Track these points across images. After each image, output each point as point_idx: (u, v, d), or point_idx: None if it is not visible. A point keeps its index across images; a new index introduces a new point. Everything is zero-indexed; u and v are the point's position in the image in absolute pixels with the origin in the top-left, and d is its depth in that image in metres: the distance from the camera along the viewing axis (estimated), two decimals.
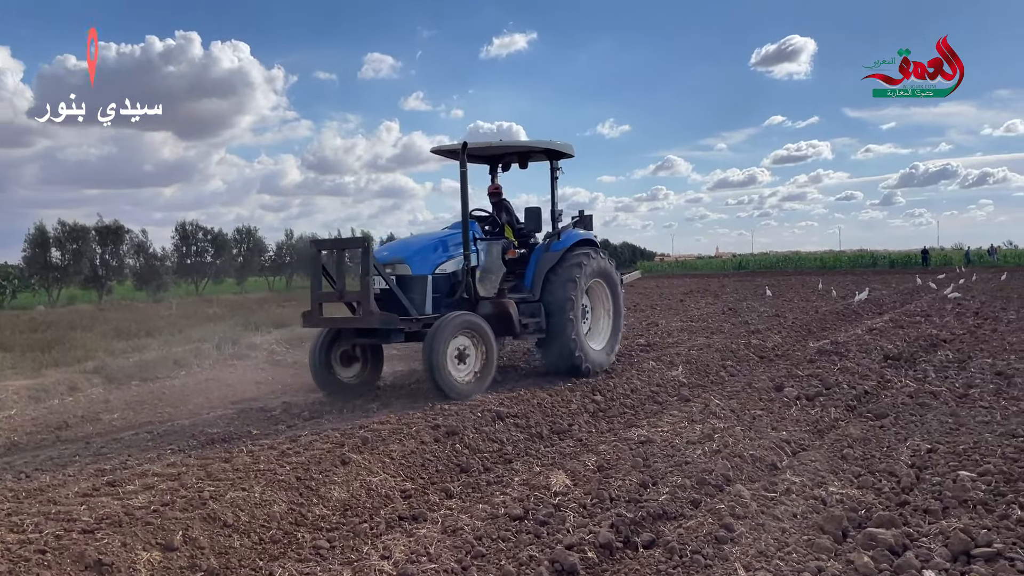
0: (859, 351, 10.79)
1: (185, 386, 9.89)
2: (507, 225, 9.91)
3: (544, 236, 9.92)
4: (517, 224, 10.00)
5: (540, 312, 9.12)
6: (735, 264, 75.94)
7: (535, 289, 9.23)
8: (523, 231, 9.96)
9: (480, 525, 4.41)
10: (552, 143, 9.73)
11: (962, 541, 3.80)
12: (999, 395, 7.76)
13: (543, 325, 9.12)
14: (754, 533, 4.15)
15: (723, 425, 6.81)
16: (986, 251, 64.03)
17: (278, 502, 4.72)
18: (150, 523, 4.21)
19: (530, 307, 9.13)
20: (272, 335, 14.46)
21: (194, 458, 5.78)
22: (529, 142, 9.99)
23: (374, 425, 6.45)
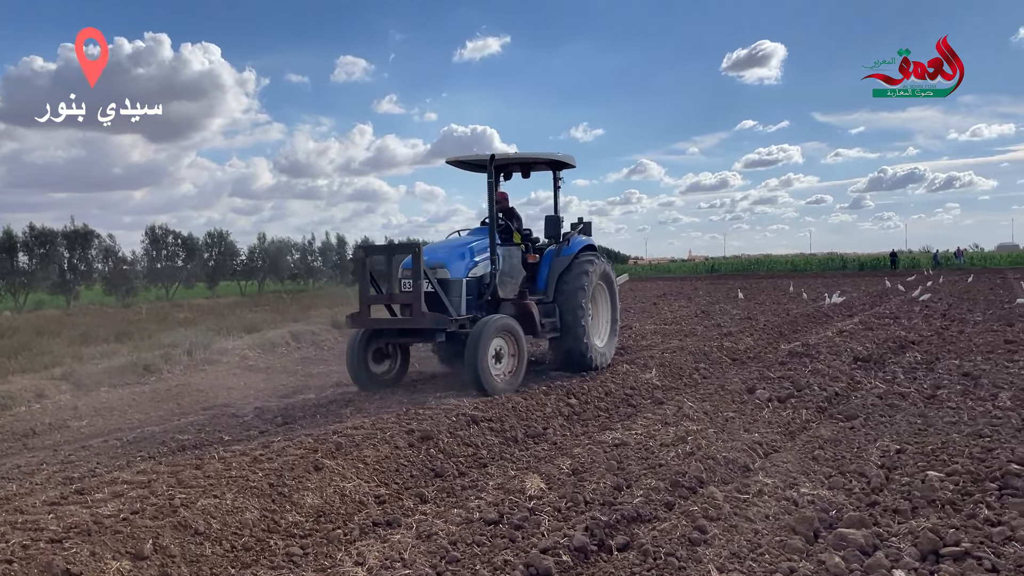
0: (829, 353, 10.92)
1: (155, 392, 9.78)
2: (516, 231, 10.40)
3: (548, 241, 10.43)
4: (523, 230, 10.56)
5: (555, 312, 9.74)
6: (708, 267, 76.52)
7: (549, 291, 9.86)
8: (530, 236, 10.54)
9: (455, 530, 4.40)
10: (561, 155, 10.35)
11: (931, 540, 3.86)
12: (966, 396, 7.88)
13: (558, 324, 9.73)
14: (727, 535, 4.19)
15: (696, 427, 6.86)
16: (952, 254, 65.05)
17: (250, 509, 4.67)
18: (119, 532, 4.15)
19: (545, 308, 9.72)
20: (244, 340, 14.34)
21: (165, 465, 5.71)
22: (542, 154, 10.40)
23: (348, 430, 6.41)
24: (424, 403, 7.63)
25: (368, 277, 9.04)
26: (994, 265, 60.35)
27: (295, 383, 10.13)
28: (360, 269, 9.10)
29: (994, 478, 4.89)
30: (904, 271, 54.76)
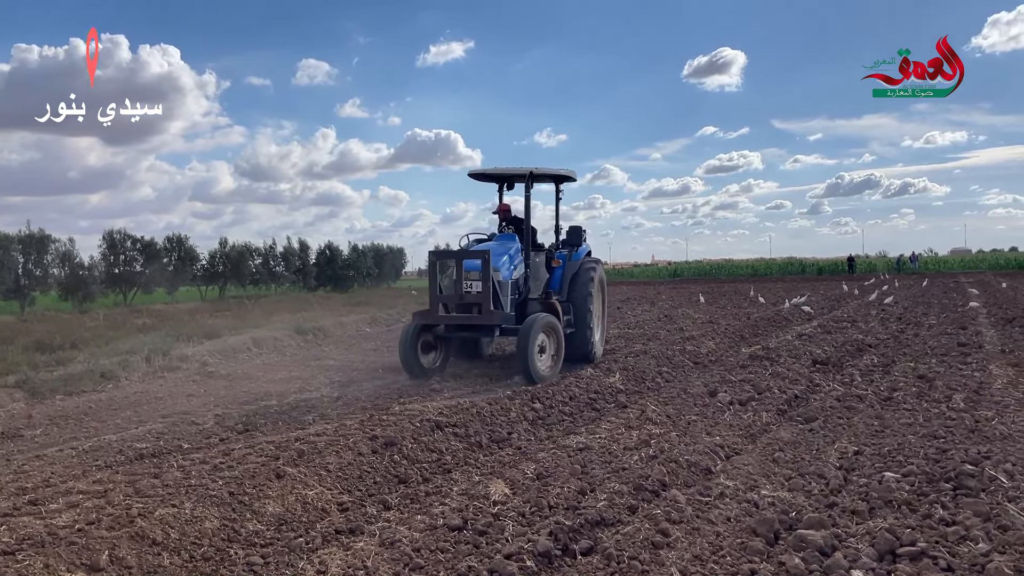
0: (789, 356, 11.08)
1: (112, 400, 9.58)
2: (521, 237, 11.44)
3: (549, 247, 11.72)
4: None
5: (570, 310, 10.96)
6: (670, 272, 77.21)
7: (563, 292, 11.07)
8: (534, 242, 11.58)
9: (418, 537, 4.38)
10: (567, 171, 11.71)
11: (888, 541, 3.93)
12: (921, 398, 8.05)
13: (573, 322, 10.93)
14: (689, 538, 4.22)
15: (659, 431, 6.92)
16: (907, 258, 66.42)
17: (210, 518, 4.60)
18: (74, 543, 4.06)
19: (563, 306, 10.89)
20: (204, 346, 14.12)
21: (122, 474, 5.60)
22: (552, 169, 11.58)
23: (310, 437, 6.35)
24: (388, 409, 7.59)
25: (437, 278, 10.18)
26: (948, 269, 61.78)
27: (257, 390, 10.00)
28: (433, 272, 10.25)
29: (948, 478, 4.99)
30: (861, 275, 55.79)
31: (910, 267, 63.00)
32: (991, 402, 7.61)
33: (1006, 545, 3.87)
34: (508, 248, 10.65)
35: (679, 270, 77.85)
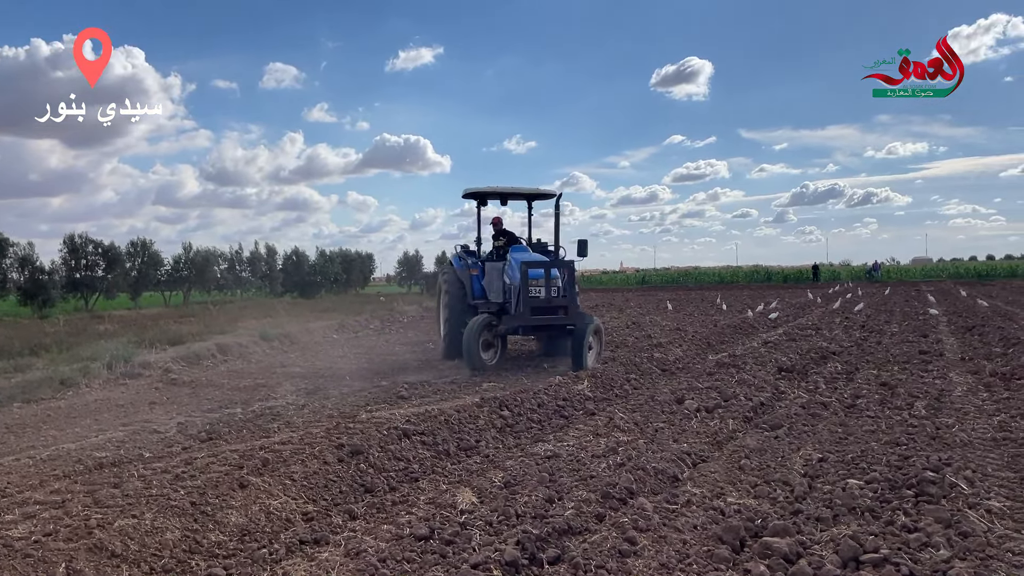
0: (755, 363, 11.19)
1: (72, 407, 9.39)
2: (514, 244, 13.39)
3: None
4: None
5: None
6: (638, 279, 77.66)
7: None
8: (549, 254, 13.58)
9: (384, 547, 4.33)
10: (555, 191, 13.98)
11: (851, 548, 3.97)
12: (884, 405, 8.16)
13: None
14: (656, 546, 4.23)
15: (627, 438, 6.93)
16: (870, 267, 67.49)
17: (171, 529, 4.51)
18: (30, 555, 3.96)
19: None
20: (168, 353, 13.91)
21: (80, 484, 5.48)
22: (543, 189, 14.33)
23: (275, 446, 6.27)
24: (355, 417, 7.52)
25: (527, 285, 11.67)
26: (909, 278, 62.92)
27: (221, 397, 9.87)
28: (524, 279, 11.61)
29: (911, 485, 5.06)
30: (826, 283, 56.62)
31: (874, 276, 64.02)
32: (951, 409, 7.75)
33: (966, 552, 3.92)
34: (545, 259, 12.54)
35: (647, 277, 78.35)
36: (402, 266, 65.95)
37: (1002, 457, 5.83)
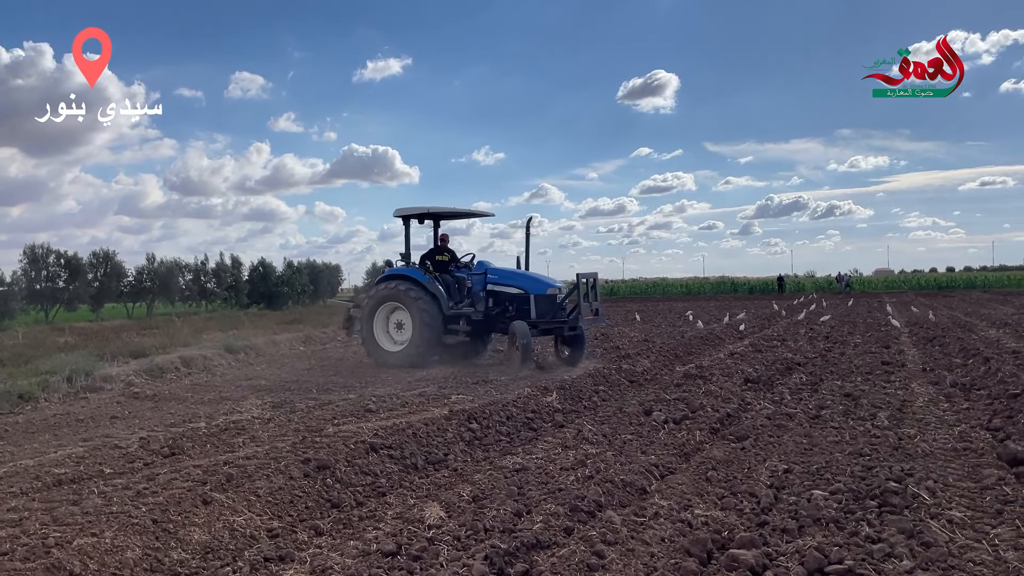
0: (722, 375, 11.28)
1: (30, 422, 9.18)
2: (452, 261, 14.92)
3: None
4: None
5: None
6: (607, 291, 77.96)
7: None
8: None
9: (351, 563, 4.28)
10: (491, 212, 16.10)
11: (816, 559, 4.00)
12: (847, 416, 8.27)
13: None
14: (624, 559, 4.23)
15: (595, 451, 6.94)
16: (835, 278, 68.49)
17: (132, 547, 4.42)
18: None
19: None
20: (130, 366, 13.66)
21: (38, 501, 5.35)
22: (478, 210, 16.38)
23: (240, 461, 6.18)
24: (322, 431, 7.45)
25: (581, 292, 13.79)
26: (872, 289, 64.02)
27: (184, 411, 9.70)
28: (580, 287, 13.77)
29: (874, 495, 5.12)
30: (790, 294, 57.37)
31: (837, 287, 64.93)
32: (913, 420, 7.87)
33: (929, 562, 3.98)
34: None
35: (615, 288, 78.79)
36: (370, 277, 65.42)
37: (963, 467, 5.94)
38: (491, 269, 14.52)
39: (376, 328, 14.56)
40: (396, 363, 13.99)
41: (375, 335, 14.57)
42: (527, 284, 14.12)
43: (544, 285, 14.10)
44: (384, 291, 14.49)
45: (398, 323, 14.50)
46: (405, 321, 14.32)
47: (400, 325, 14.46)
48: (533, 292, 13.91)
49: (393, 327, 14.57)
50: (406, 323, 14.31)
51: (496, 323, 14.29)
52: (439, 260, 14.69)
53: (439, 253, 14.81)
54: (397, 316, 14.49)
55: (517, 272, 14.70)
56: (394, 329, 14.55)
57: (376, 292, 14.65)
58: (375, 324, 14.57)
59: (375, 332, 14.57)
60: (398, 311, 14.44)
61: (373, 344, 14.61)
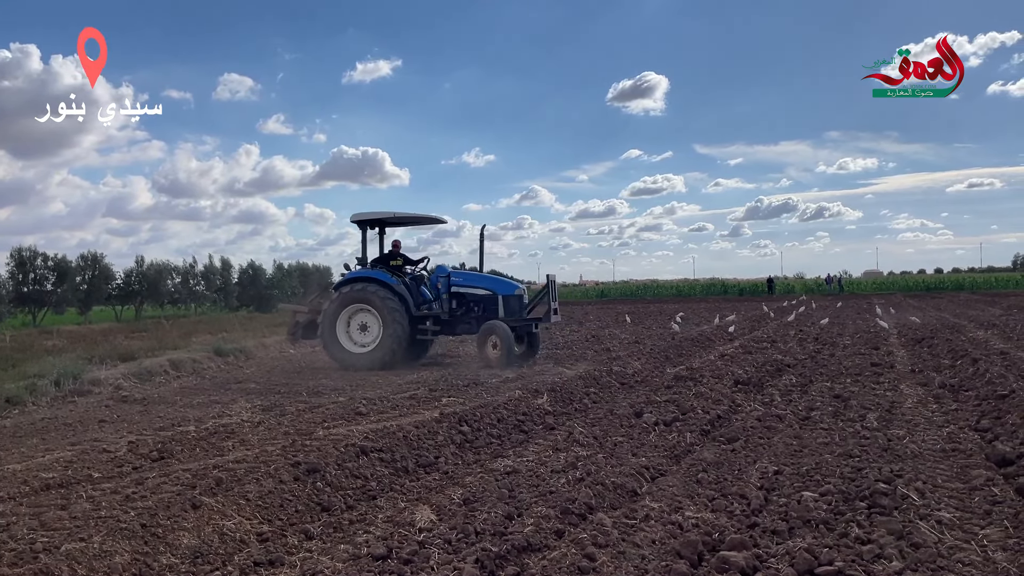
0: (712, 377, 11.29)
1: (18, 426, 9.12)
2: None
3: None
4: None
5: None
6: (598, 292, 78.19)
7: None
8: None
9: (341, 567, 4.26)
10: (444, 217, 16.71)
11: (806, 560, 4.01)
12: (837, 417, 8.30)
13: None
14: (615, 561, 4.23)
15: (586, 453, 6.94)
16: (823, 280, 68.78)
17: (120, 552, 4.39)
18: None
19: None
20: (119, 369, 13.59)
21: (25, 506, 5.31)
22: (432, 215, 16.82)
23: (229, 464, 6.15)
24: (312, 434, 7.42)
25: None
26: (861, 291, 64.30)
27: (173, 415, 9.66)
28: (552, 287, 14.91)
29: (863, 497, 5.14)
30: (781, 296, 57.56)
31: (826, 289, 65.19)
32: (902, 421, 7.90)
33: (918, 563, 3.99)
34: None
35: (606, 291, 78.93)
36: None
37: (951, 468, 5.96)
38: (454, 272, 15.41)
39: (338, 330, 14.70)
40: (363, 365, 14.22)
41: (338, 337, 14.69)
42: (495, 286, 14.99)
43: (512, 286, 15.04)
44: (352, 293, 14.64)
45: (362, 325, 14.73)
46: (370, 323, 14.65)
47: (364, 327, 14.72)
48: (502, 293, 14.72)
49: (356, 329, 14.78)
50: (371, 325, 14.63)
51: (461, 323, 14.98)
52: (393, 265, 15.27)
53: (392, 258, 15.38)
54: (361, 318, 14.75)
55: (483, 275, 15.64)
56: (357, 331, 14.78)
57: (342, 294, 14.75)
58: (331, 325, 14.71)
59: (332, 334, 14.70)
60: (361, 313, 14.71)
61: (337, 346, 14.72)
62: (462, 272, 15.83)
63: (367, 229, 15.54)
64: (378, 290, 14.47)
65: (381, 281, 14.66)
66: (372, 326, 14.60)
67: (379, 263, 15.31)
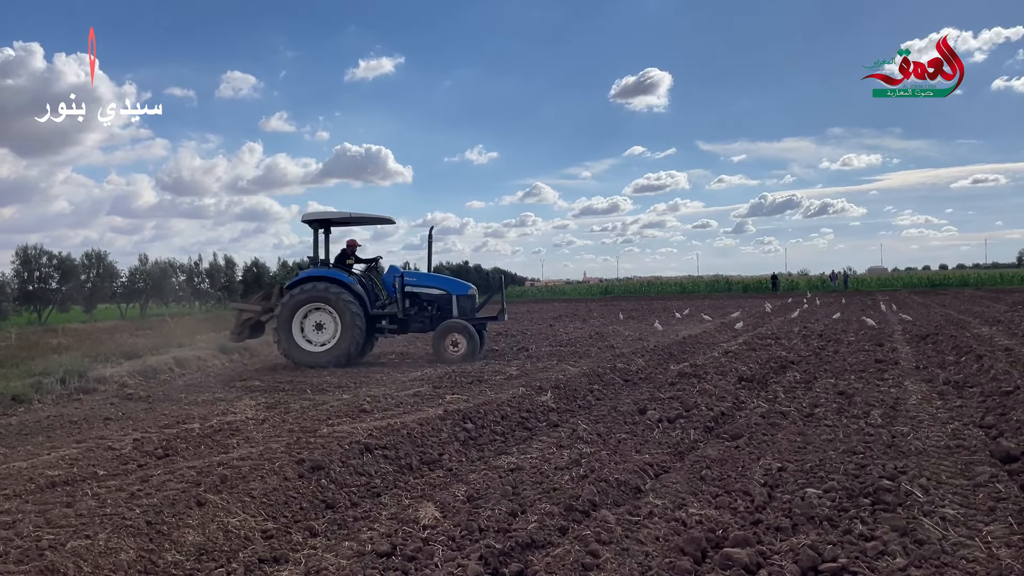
0: (716, 373, 11.29)
1: (24, 424, 9.14)
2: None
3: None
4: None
5: None
6: (602, 289, 78.15)
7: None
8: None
9: (345, 564, 4.27)
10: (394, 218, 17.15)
11: (810, 557, 4.02)
12: (841, 414, 8.29)
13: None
14: (619, 558, 4.23)
15: (590, 450, 6.95)
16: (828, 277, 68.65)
17: (126, 549, 4.41)
18: None
19: None
20: (123, 367, 13.63)
21: (32, 504, 5.33)
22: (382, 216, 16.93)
23: (234, 462, 6.17)
24: (316, 431, 7.44)
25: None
26: (866, 288, 64.16)
27: (178, 412, 9.68)
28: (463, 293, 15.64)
29: (867, 493, 5.14)
30: (784, 293, 57.47)
31: (831, 286, 65.06)
32: (907, 417, 7.89)
33: (922, 559, 3.99)
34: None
35: (610, 288, 78.91)
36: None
37: (955, 465, 5.95)
38: (407, 272, 16.20)
39: (293, 329, 14.80)
40: (320, 363, 14.36)
41: (293, 336, 14.79)
42: (449, 286, 15.69)
43: (464, 287, 15.80)
44: (311, 292, 14.74)
45: (317, 324, 14.85)
46: (325, 322, 14.80)
47: (319, 326, 14.84)
48: (455, 293, 15.47)
49: (311, 328, 14.88)
50: (327, 324, 14.80)
51: (414, 322, 15.48)
52: (348, 263, 15.75)
53: (347, 257, 15.83)
54: (316, 317, 14.87)
55: (435, 275, 16.48)
56: (312, 330, 14.88)
57: (299, 293, 14.81)
58: (287, 325, 14.78)
59: (287, 334, 14.79)
60: (317, 312, 14.84)
61: (293, 345, 14.77)
62: (415, 272, 16.59)
63: (318, 229, 15.73)
64: (338, 291, 14.71)
65: (340, 281, 14.92)
66: (328, 325, 14.81)
67: (337, 263, 15.65)
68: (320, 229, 15.75)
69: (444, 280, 16.10)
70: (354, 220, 16.13)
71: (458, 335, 14.77)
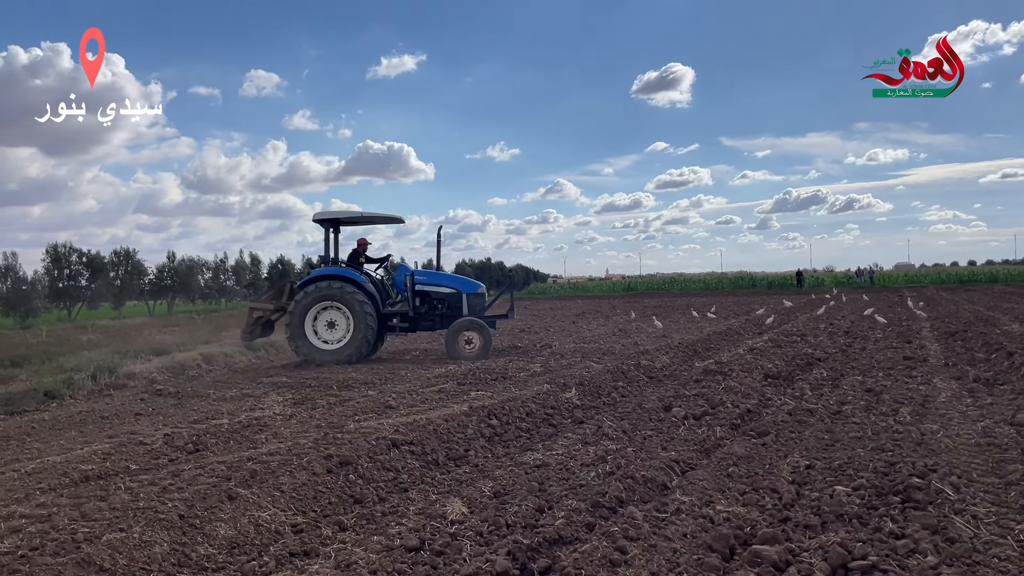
0: (741, 370, 11.23)
1: (56, 419, 9.31)
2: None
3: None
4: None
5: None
6: (624, 286, 77.91)
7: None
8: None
9: (375, 558, 4.31)
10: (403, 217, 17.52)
11: (840, 555, 4.00)
12: (869, 411, 8.22)
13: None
14: (647, 555, 4.24)
15: (615, 447, 6.94)
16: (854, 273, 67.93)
17: (159, 542, 4.48)
18: (17, 570, 3.92)
19: None
20: (152, 363, 13.82)
21: (66, 497, 5.43)
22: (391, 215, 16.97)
23: (263, 457, 6.24)
24: (343, 427, 7.50)
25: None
26: (892, 284, 63.42)
27: (207, 408, 9.80)
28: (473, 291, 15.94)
29: (897, 491, 5.10)
30: (809, 290, 56.95)
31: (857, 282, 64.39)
32: (936, 415, 7.81)
33: (953, 558, 3.96)
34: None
35: (632, 284, 78.64)
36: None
37: (986, 463, 5.88)
38: (417, 271, 16.37)
39: (306, 327, 14.97)
40: (333, 361, 14.55)
41: (305, 333, 14.95)
42: (460, 284, 15.95)
43: (475, 285, 16.09)
44: (324, 290, 14.92)
45: (329, 322, 15.04)
46: (338, 320, 15.02)
47: (332, 324, 15.05)
48: (466, 291, 15.73)
49: (323, 326, 15.06)
50: (339, 322, 15.02)
51: (424, 321, 15.76)
52: (360, 262, 16.00)
53: (359, 256, 16.10)
54: (328, 315, 15.07)
55: (446, 274, 16.83)
56: (324, 328, 15.07)
57: (312, 291, 14.96)
58: (300, 322, 14.95)
59: (302, 332, 14.96)
60: (329, 310, 15.04)
61: (306, 343, 14.93)
62: (426, 271, 16.72)
63: (329, 228, 15.92)
64: (352, 290, 14.91)
65: (353, 280, 15.11)
66: (340, 323, 15.02)
67: (348, 262, 15.85)
68: (331, 228, 15.97)
69: (454, 279, 16.33)
70: (364, 219, 16.41)
71: (472, 333, 14.96)
